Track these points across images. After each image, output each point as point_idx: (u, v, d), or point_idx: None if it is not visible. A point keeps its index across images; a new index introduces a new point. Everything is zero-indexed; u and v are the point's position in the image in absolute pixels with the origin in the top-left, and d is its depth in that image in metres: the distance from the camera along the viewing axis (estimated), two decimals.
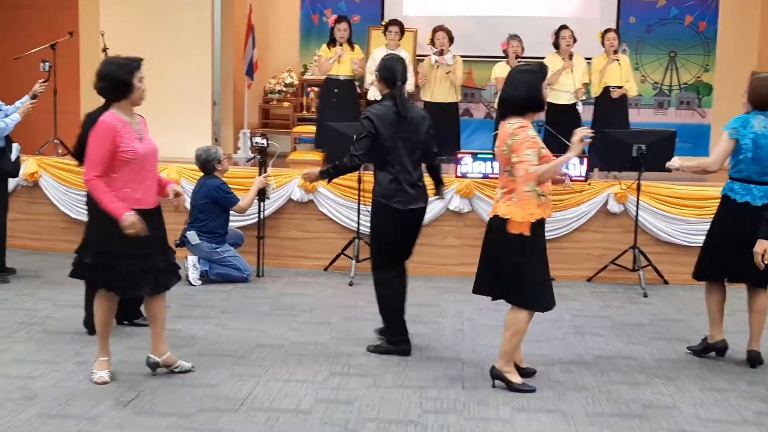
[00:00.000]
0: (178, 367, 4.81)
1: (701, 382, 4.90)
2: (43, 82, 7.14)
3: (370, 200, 5.29)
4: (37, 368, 4.82)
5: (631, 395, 4.67)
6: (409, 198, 5.14)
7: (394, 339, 5.31)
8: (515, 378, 4.71)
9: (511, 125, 4.59)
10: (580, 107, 8.82)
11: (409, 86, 8.88)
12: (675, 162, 5.54)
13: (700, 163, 5.51)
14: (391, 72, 5.21)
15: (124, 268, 4.49)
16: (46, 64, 7.97)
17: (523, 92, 4.60)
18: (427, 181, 5.41)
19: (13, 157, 6.75)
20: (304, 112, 10.57)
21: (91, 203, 4.67)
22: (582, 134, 4.58)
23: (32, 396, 4.39)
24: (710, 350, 5.37)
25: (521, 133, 4.54)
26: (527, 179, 4.46)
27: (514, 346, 4.73)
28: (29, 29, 9.29)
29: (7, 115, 6.76)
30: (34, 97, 6.95)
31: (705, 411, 4.46)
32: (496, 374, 4.74)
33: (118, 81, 4.51)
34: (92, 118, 4.76)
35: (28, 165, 7.99)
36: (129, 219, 4.34)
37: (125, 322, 5.67)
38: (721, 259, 5.21)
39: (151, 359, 4.77)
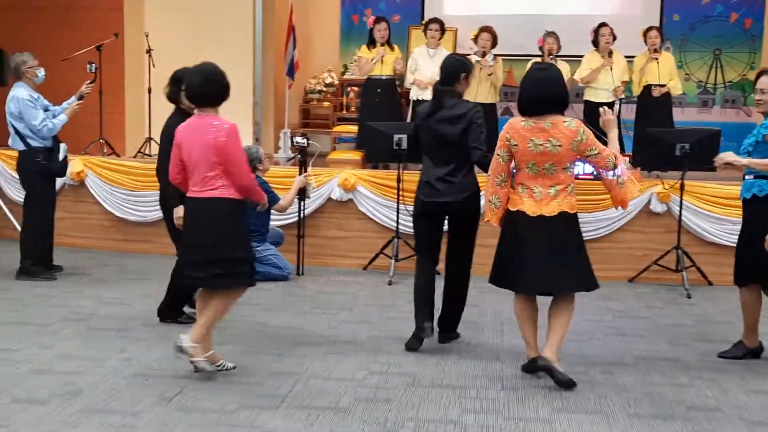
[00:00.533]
0: (221, 366, 4.81)
1: (745, 384, 4.82)
2: (90, 83, 7.28)
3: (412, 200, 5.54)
4: (83, 364, 4.91)
5: (674, 397, 4.62)
6: (433, 192, 5.22)
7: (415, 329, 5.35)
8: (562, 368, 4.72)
9: (571, 123, 4.68)
10: (617, 106, 8.72)
11: None
12: (727, 157, 5.15)
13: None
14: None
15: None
16: (92, 65, 8.13)
17: (555, 89, 4.73)
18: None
19: (60, 156, 6.90)
20: (344, 111, 10.63)
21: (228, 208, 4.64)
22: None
23: (77, 391, 4.47)
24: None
25: (586, 128, 4.75)
26: (621, 160, 4.76)
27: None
28: (77, 31, 9.47)
29: (54, 116, 6.92)
30: (80, 98, 7.09)
31: (749, 413, 4.39)
32: (546, 366, 4.68)
33: (226, 87, 4.69)
34: (172, 125, 5.09)
35: (75, 164, 8.14)
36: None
37: (169, 320, 5.79)
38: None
39: (179, 341, 4.62)
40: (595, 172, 6.77)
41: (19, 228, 7.27)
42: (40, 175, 6.85)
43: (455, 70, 5.31)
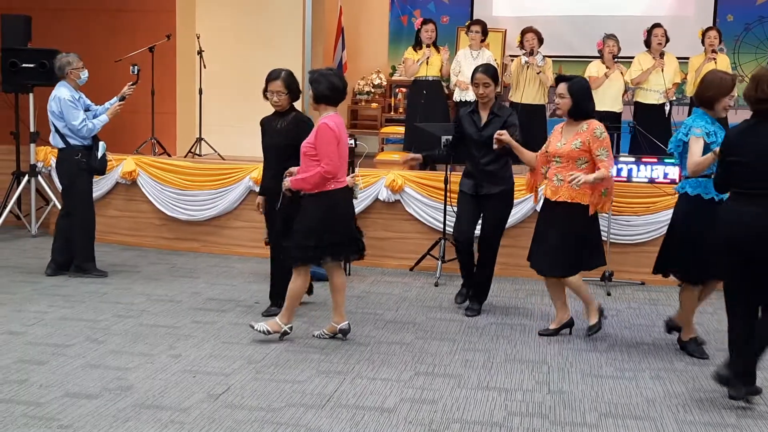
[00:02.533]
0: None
1: None
2: (132, 84, 7.36)
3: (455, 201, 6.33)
4: (133, 360, 5.00)
5: (724, 404, 4.53)
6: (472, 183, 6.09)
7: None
8: None
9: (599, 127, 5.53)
10: (667, 107, 8.58)
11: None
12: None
13: None
14: None
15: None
16: (135, 67, 8.23)
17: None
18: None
19: (99, 154, 6.96)
20: (392, 113, 10.64)
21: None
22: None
23: (128, 387, 4.56)
24: None
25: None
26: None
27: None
28: (131, 33, 9.63)
29: (95, 116, 7.02)
30: (122, 99, 7.18)
31: None
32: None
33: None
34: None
35: (126, 164, 8.28)
36: None
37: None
38: None
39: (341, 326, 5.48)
40: (648, 177, 6.83)
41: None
42: (79, 173, 6.93)
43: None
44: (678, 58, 8.81)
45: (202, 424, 4.10)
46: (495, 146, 5.77)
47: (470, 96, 8.72)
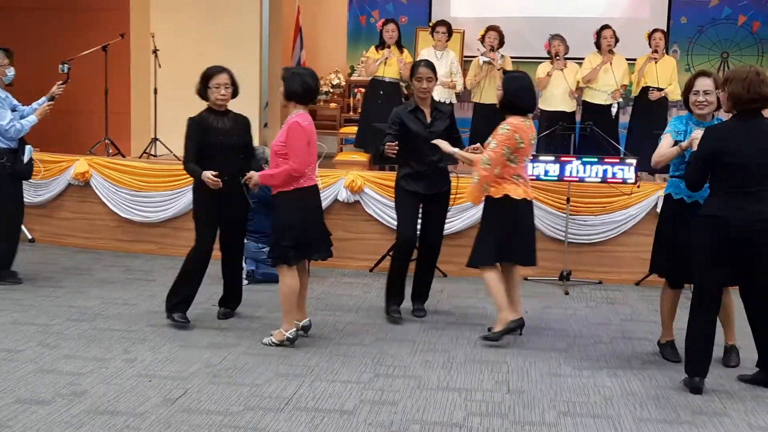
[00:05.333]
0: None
1: (752, 389, 4.79)
2: (62, 84, 7.07)
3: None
4: (87, 365, 4.90)
5: (680, 401, 4.59)
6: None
7: None
8: None
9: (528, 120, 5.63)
10: (614, 109, 8.68)
11: (460, 87, 8.87)
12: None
13: None
14: None
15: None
16: (65, 65, 7.98)
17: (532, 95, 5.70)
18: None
19: (25, 159, 6.69)
20: (351, 113, 10.62)
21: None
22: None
23: (81, 392, 4.47)
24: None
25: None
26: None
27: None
28: (84, 31, 9.48)
29: (23, 117, 6.75)
30: (51, 99, 6.90)
31: (756, 418, 4.36)
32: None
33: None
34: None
35: (79, 165, 8.14)
36: None
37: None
38: None
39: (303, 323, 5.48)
40: (601, 177, 6.89)
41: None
42: (4, 178, 6.61)
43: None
44: (632, 59, 8.92)
45: (158, 430, 4.03)
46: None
47: (435, 96, 8.71)
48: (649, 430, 4.20)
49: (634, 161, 7.05)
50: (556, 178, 7.04)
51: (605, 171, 6.97)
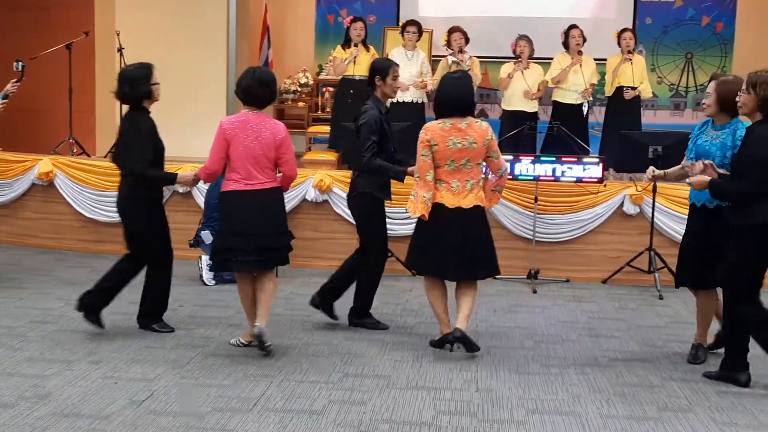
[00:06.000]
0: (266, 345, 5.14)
1: (717, 386, 4.85)
2: (16, 82, 6.91)
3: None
4: (51, 367, 4.83)
5: (647, 398, 4.63)
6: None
7: None
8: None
9: (482, 124, 5.21)
10: (585, 108, 8.76)
11: (431, 87, 8.88)
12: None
13: None
14: None
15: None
16: (19, 63, 7.82)
17: (465, 95, 5.24)
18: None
19: None
20: (319, 112, 10.58)
21: (279, 196, 5.27)
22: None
23: (45, 395, 4.40)
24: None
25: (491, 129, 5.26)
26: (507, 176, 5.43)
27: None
28: (47, 29, 9.35)
29: None
30: (5, 97, 6.75)
31: (721, 415, 4.42)
32: (463, 336, 5.15)
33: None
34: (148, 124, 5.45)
35: (43, 164, 8.02)
36: None
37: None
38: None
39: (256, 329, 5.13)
40: (576, 178, 6.95)
41: None
42: None
43: (372, 71, 5.73)
44: (599, 59, 8.99)
45: None
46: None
47: (408, 96, 8.75)
48: (616, 426, 4.23)
49: (595, 160, 7.12)
50: (532, 178, 7.11)
51: (561, 170, 7.05)
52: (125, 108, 5.51)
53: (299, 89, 10.81)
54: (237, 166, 5.07)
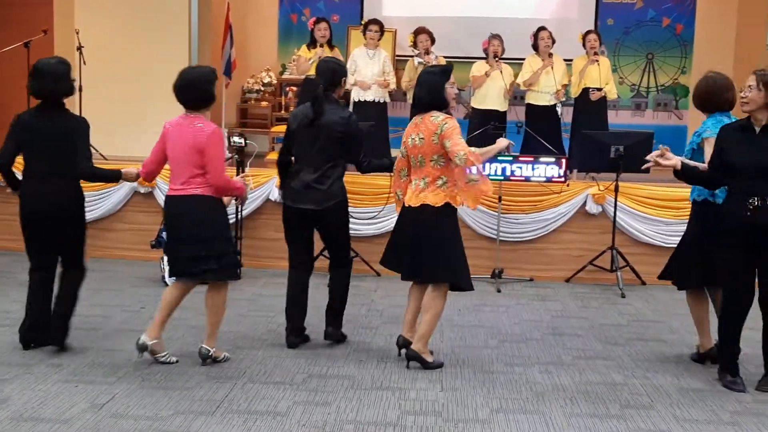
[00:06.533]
0: (164, 357, 4.94)
1: (677, 382, 4.92)
2: None
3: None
4: (9, 371, 4.75)
5: (609, 395, 4.68)
6: (301, 197, 5.30)
7: None
8: (430, 358, 5.02)
9: (437, 117, 4.91)
10: (559, 108, 8.84)
11: (393, 86, 8.88)
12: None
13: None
14: None
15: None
16: None
17: (426, 92, 4.99)
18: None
19: None
20: (283, 111, 10.52)
21: (206, 204, 4.89)
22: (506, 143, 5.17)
23: (4, 399, 4.32)
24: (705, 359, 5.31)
25: (450, 121, 4.90)
26: (475, 161, 4.77)
27: (434, 328, 5.03)
28: (5, 27, 9.17)
29: None
30: None
31: (682, 411, 4.47)
32: (413, 355, 4.98)
33: (211, 92, 4.95)
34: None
35: None
36: (247, 187, 5.11)
37: (32, 345, 5.15)
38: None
39: (141, 341, 4.87)
40: (544, 177, 7.00)
41: None
42: None
43: (336, 73, 5.38)
44: (565, 60, 9.06)
45: None
46: None
47: (370, 95, 8.73)
48: (579, 424, 4.26)
49: (551, 159, 7.17)
50: (502, 178, 7.15)
51: (515, 169, 7.12)
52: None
53: (262, 88, 10.75)
54: (171, 169, 4.96)
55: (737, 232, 4.67)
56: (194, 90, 4.89)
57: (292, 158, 5.44)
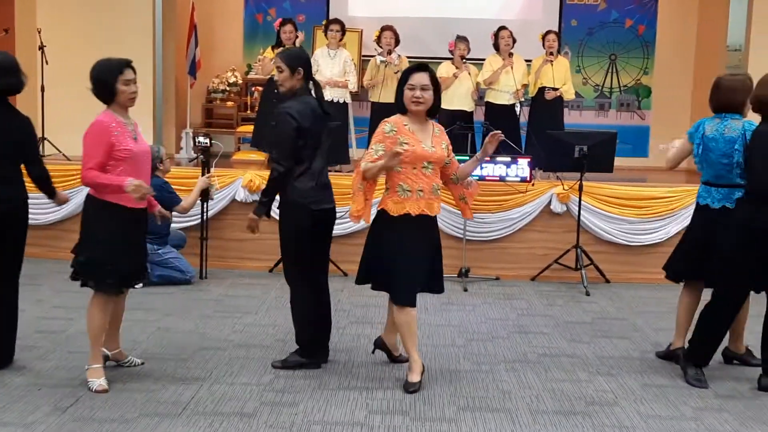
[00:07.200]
0: (128, 362, 4.86)
1: (641, 379, 4.98)
2: None
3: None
4: None
5: (574, 392, 4.72)
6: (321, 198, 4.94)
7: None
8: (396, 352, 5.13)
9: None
10: (518, 108, 8.90)
11: (352, 86, 8.86)
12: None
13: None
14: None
15: (115, 266, 4.50)
16: None
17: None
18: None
19: None
20: (248, 111, 10.47)
21: (87, 202, 4.59)
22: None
23: None
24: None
25: (379, 127, 4.68)
26: (356, 173, 4.63)
27: (408, 337, 4.73)
28: None
29: None
30: None
31: (645, 407, 4.53)
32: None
33: (103, 83, 4.53)
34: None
35: None
36: (132, 183, 4.36)
37: None
38: (692, 261, 5.18)
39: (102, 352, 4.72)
40: (502, 176, 7.02)
41: None
42: None
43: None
44: (526, 61, 9.12)
45: None
46: None
47: (327, 95, 8.69)
48: (545, 421, 4.30)
49: (507, 159, 7.24)
50: (477, 178, 7.18)
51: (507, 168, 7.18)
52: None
53: (228, 89, 10.69)
54: None
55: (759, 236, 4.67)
56: (91, 83, 4.59)
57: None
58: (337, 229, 7.45)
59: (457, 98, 8.81)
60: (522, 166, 7.22)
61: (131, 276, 4.67)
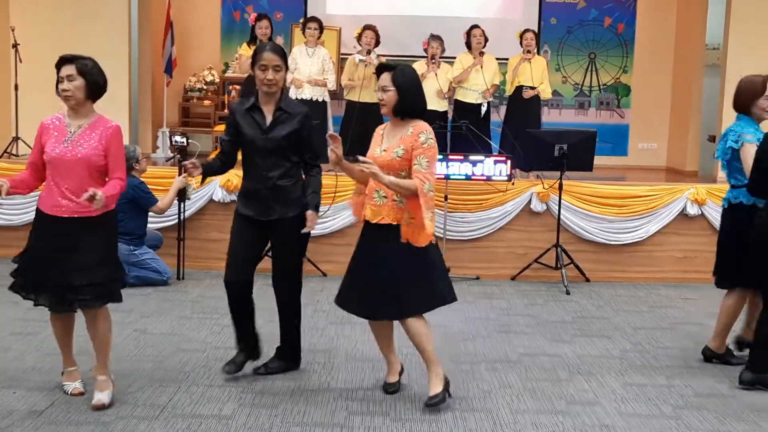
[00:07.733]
0: (66, 388, 4.46)
1: (621, 378, 4.98)
2: None
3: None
4: None
5: (555, 392, 4.71)
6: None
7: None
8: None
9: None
10: (484, 107, 8.87)
11: (331, 85, 8.82)
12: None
13: None
14: None
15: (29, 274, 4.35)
16: None
17: None
18: None
19: None
20: (226, 110, 10.39)
21: None
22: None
23: None
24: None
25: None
26: None
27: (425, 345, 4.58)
28: None
29: None
30: None
31: (625, 406, 4.53)
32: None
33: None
34: None
35: None
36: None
37: None
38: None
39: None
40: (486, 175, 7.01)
41: None
42: None
43: None
44: (505, 59, 9.12)
45: None
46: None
47: (306, 94, 8.65)
48: (526, 420, 4.28)
49: (481, 158, 7.24)
50: (464, 177, 7.17)
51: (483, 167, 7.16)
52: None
53: (205, 87, 10.60)
54: None
55: None
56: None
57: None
58: (317, 229, 7.43)
59: (428, 98, 8.74)
60: (500, 168, 7.20)
61: (53, 294, 4.28)
